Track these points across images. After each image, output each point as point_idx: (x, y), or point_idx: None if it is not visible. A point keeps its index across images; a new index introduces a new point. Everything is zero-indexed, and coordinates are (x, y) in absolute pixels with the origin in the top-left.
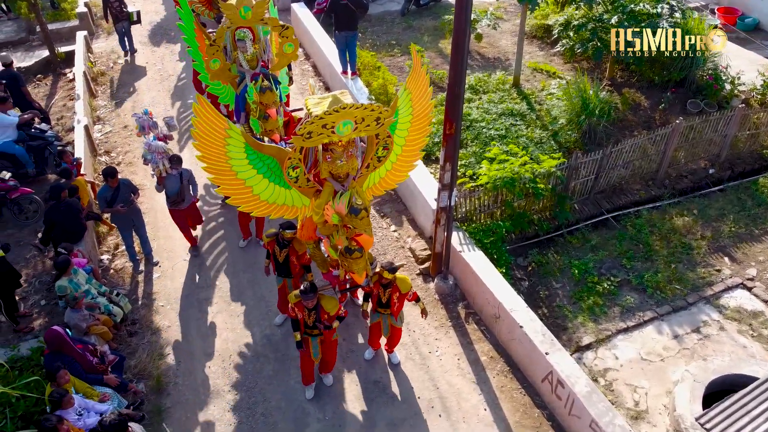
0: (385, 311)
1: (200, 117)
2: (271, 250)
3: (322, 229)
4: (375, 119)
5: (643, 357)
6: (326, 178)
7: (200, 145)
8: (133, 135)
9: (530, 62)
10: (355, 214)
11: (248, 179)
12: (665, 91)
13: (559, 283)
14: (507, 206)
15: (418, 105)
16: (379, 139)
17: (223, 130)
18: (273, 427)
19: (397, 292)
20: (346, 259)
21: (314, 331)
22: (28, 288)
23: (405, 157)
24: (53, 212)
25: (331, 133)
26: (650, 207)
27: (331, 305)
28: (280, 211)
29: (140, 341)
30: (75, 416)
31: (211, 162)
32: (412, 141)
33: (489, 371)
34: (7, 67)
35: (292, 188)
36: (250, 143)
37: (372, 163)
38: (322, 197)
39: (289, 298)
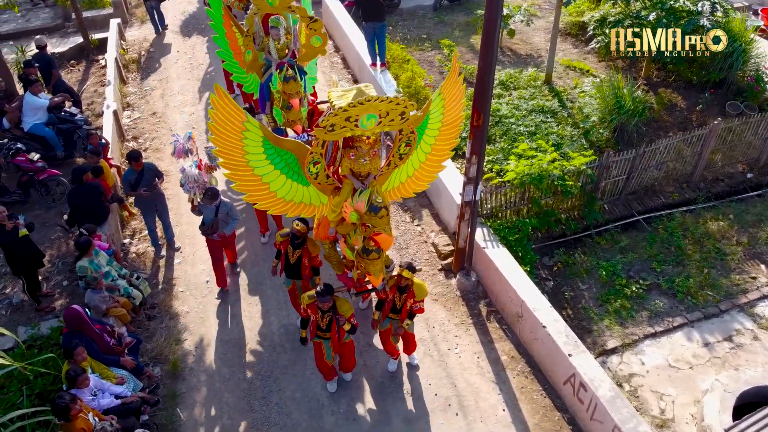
0: (396, 317)
1: (217, 109)
2: (284, 249)
3: (339, 228)
4: (400, 113)
5: (671, 364)
6: (346, 175)
7: (217, 139)
8: (161, 121)
9: (563, 59)
10: (374, 212)
11: (265, 175)
12: (703, 92)
13: (585, 284)
14: (534, 204)
15: (450, 113)
16: (403, 134)
17: (240, 122)
18: (287, 416)
19: (412, 298)
20: (362, 260)
21: (326, 333)
22: (51, 268)
23: (428, 166)
24: (75, 195)
25: (354, 127)
26: (684, 210)
27: (346, 307)
28: (297, 210)
29: (158, 325)
30: (90, 396)
31: (228, 156)
32: (437, 150)
33: (509, 371)
34: (42, 50)
35: (309, 185)
36: (267, 137)
37: (393, 161)
38: (341, 195)
39: (302, 299)
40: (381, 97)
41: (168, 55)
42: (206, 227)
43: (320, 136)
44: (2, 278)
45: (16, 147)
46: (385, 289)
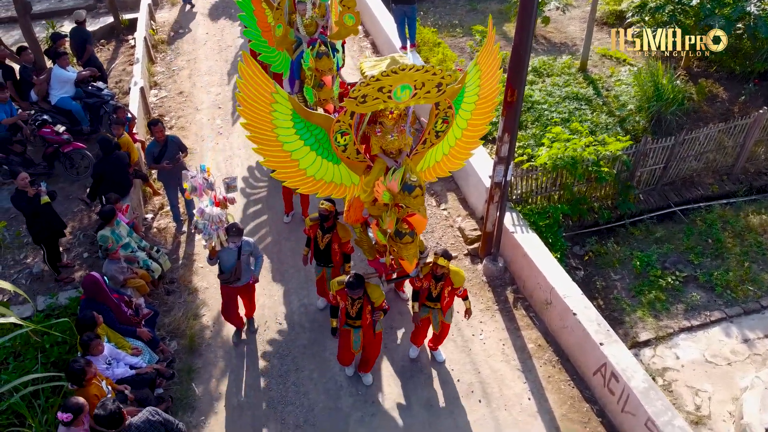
0: (434, 305)
1: (246, 79)
2: (313, 235)
3: (371, 209)
4: (436, 85)
5: (707, 359)
6: (378, 153)
7: (245, 111)
8: (187, 101)
9: (599, 48)
10: (408, 191)
11: (294, 151)
12: (747, 83)
13: (618, 274)
14: (566, 190)
15: (486, 85)
16: (439, 110)
17: (269, 94)
18: (304, 396)
19: (449, 286)
20: (395, 244)
21: (356, 322)
22: (73, 240)
23: (464, 143)
24: (102, 164)
25: (388, 98)
26: (723, 203)
27: (377, 294)
28: (328, 189)
29: (177, 300)
30: (104, 365)
31: (256, 130)
32: (474, 126)
33: (536, 359)
34: (80, 25)
35: (340, 164)
36: (297, 110)
37: (429, 139)
38: (372, 173)
39: (331, 285)
40: (416, 65)
41: (197, 37)
42: (228, 274)
43: (350, 108)
44: (23, 248)
45: (42, 118)
46: (419, 277)
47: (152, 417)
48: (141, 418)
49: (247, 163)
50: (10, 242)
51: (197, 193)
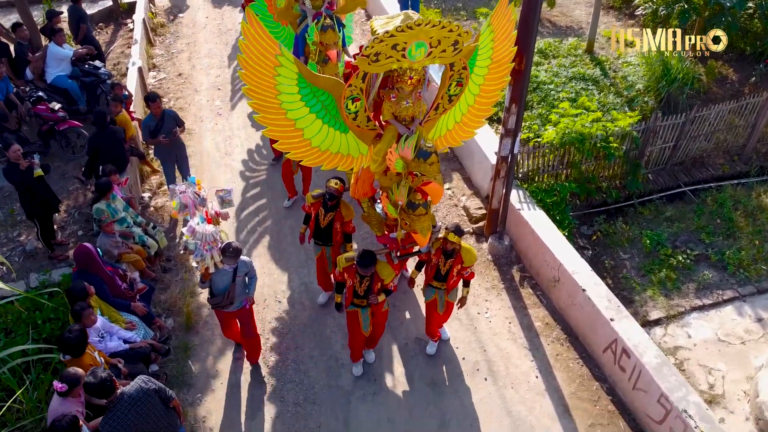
0: (441, 285)
1: (249, 39)
2: (314, 212)
3: (382, 180)
4: (452, 43)
5: (720, 338)
6: (389, 120)
7: (247, 75)
8: (186, 82)
9: (606, 31)
10: (424, 158)
11: (299, 119)
12: (757, 63)
13: (627, 253)
14: (574, 168)
15: (500, 48)
16: (454, 71)
17: (273, 56)
18: (304, 374)
19: (459, 263)
20: (408, 216)
21: (364, 301)
22: (67, 218)
23: (476, 110)
24: (97, 139)
25: (401, 57)
26: (735, 183)
27: (387, 272)
28: (334, 161)
29: (173, 278)
30: (96, 338)
31: (259, 97)
32: (486, 91)
33: (543, 338)
34: (75, 4)
35: (348, 133)
36: (303, 74)
37: (442, 104)
38: (383, 141)
39: (338, 261)
40: (432, 20)
41: (197, 20)
42: (220, 297)
43: (363, 66)
44: (17, 226)
45: (37, 95)
46: (431, 251)
47: (145, 385)
48: (133, 386)
49: (246, 144)
50: (3, 220)
51: (188, 211)
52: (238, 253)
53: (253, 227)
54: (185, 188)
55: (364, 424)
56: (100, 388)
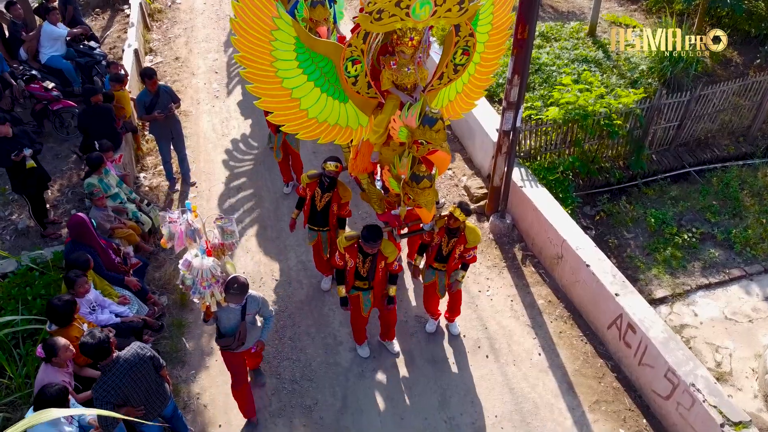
0: (442, 267)
1: (243, 0)
2: (310, 194)
3: (384, 152)
4: (458, 2)
5: (727, 316)
6: (389, 89)
7: (240, 42)
8: (183, 66)
9: (608, 15)
10: (430, 125)
11: (296, 88)
12: (762, 46)
13: (631, 233)
14: (576, 146)
15: (499, 13)
16: (459, 37)
17: (270, 19)
18: (301, 351)
19: (463, 243)
20: (411, 190)
21: (366, 283)
22: (61, 197)
23: (477, 79)
24: (84, 116)
25: (405, 16)
26: (740, 164)
27: (390, 249)
28: (332, 134)
29: (168, 256)
30: (88, 309)
31: (253, 64)
32: (486, 59)
33: (546, 315)
34: None
35: (347, 102)
36: (301, 37)
37: (447, 73)
38: (385, 110)
39: (339, 242)
40: None
41: (194, 6)
42: (230, 339)
43: (365, 25)
44: (9, 205)
45: (30, 73)
46: (434, 229)
47: (141, 351)
48: (129, 351)
49: (243, 126)
50: None
51: (175, 242)
52: (244, 289)
53: (250, 207)
54: (176, 216)
55: (362, 401)
56: (97, 350)
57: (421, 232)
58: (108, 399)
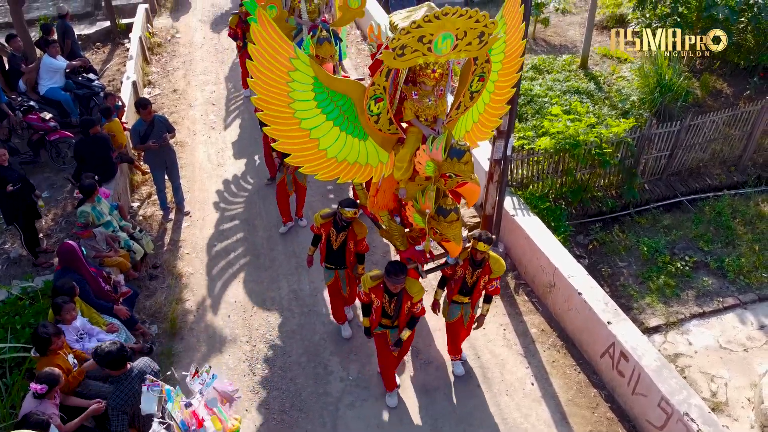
0: (467, 300)
1: (260, 42)
2: (325, 234)
3: (409, 187)
4: (478, 35)
5: (722, 345)
6: (411, 121)
7: (257, 83)
8: (181, 98)
9: (600, 48)
10: (458, 157)
11: (314, 129)
12: (751, 77)
13: (624, 261)
14: (569, 175)
15: (511, 42)
16: (477, 65)
17: (287, 60)
18: (291, 381)
19: (487, 274)
20: (438, 224)
21: (394, 321)
22: (54, 226)
23: (492, 108)
24: (81, 146)
25: (428, 51)
26: (732, 193)
27: (417, 288)
28: (351, 172)
29: (160, 285)
30: (75, 337)
31: (270, 106)
32: (500, 88)
33: (539, 344)
34: (62, 18)
35: (367, 139)
36: (320, 76)
37: (464, 102)
38: (407, 145)
39: (364, 281)
40: (459, 9)
41: (194, 40)
42: None
43: (388, 62)
44: (2, 234)
45: (28, 104)
46: (459, 262)
47: (150, 363)
48: (141, 362)
49: (239, 156)
50: None
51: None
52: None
53: (243, 236)
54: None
55: (352, 431)
56: (118, 357)
57: (446, 266)
58: (124, 408)
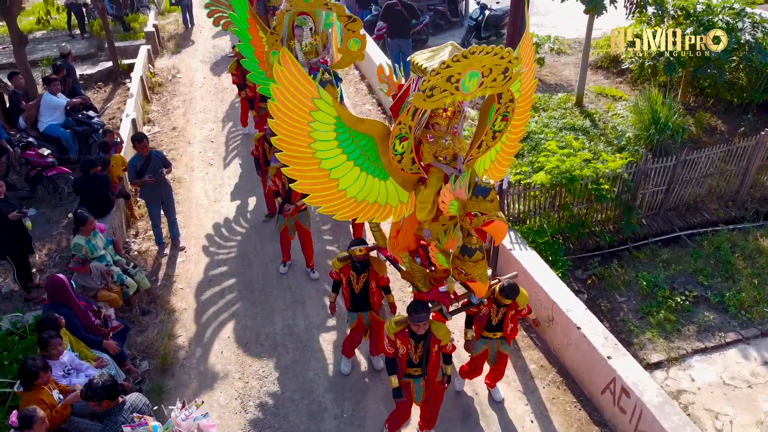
0: (493, 335)
1: (282, 80)
2: (345, 278)
3: (433, 227)
4: (503, 71)
5: (725, 381)
6: (431, 163)
7: (278, 124)
8: (180, 135)
9: (595, 87)
10: (483, 195)
11: (334, 169)
12: (746, 114)
13: (623, 296)
14: (566, 210)
15: (525, 80)
16: (501, 104)
17: (310, 100)
18: (284, 419)
19: (513, 308)
20: (463, 264)
21: (418, 370)
22: (48, 261)
23: (507, 147)
24: (80, 183)
25: (455, 90)
26: (731, 228)
27: (444, 332)
28: (370, 212)
29: (152, 320)
30: (61, 372)
31: (291, 147)
32: (515, 126)
33: (538, 381)
34: (64, 58)
35: (388, 179)
36: (342, 117)
37: (486, 141)
38: (428, 186)
39: (387, 329)
40: (485, 47)
41: (194, 80)
42: None
43: (418, 103)
44: None
45: (27, 140)
46: (483, 302)
47: (142, 397)
48: (132, 396)
49: (236, 192)
50: None
51: None
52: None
53: (239, 271)
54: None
55: None
56: (111, 388)
57: (471, 306)
58: None
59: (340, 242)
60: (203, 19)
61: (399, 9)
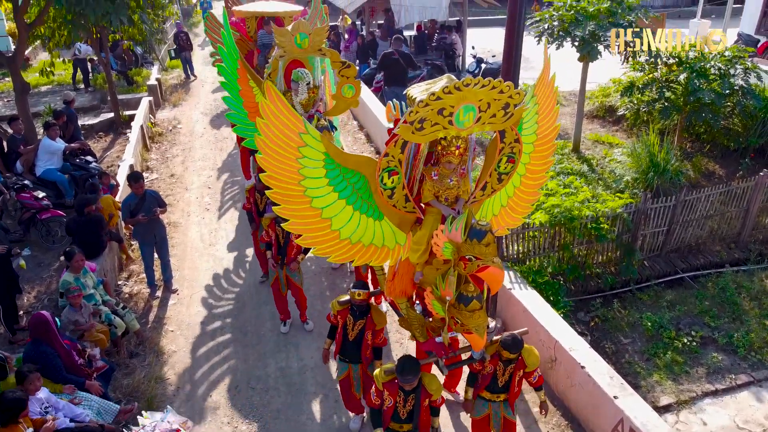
0: (496, 397)
1: (269, 117)
2: (342, 322)
3: (426, 272)
4: (503, 106)
5: (739, 426)
6: (430, 202)
7: (266, 160)
8: (178, 182)
9: (591, 134)
10: (478, 238)
11: (326, 208)
12: (743, 158)
13: (628, 338)
14: (565, 250)
15: (544, 122)
16: (504, 143)
17: (297, 135)
18: None
19: (521, 368)
20: (459, 313)
21: (406, 425)
22: (36, 303)
23: (523, 192)
24: (73, 224)
25: (448, 124)
26: (734, 270)
27: (436, 385)
28: (366, 255)
29: (140, 363)
30: (38, 410)
31: (280, 184)
32: (532, 172)
33: (542, 424)
34: (67, 105)
35: (383, 219)
36: (331, 152)
37: (490, 183)
38: (425, 226)
39: (376, 378)
40: (481, 79)
41: (194, 130)
42: None
43: (406, 135)
44: None
45: (22, 183)
46: (485, 357)
47: None
48: None
49: (232, 236)
50: None
51: None
52: None
53: (231, 313)
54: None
55: None
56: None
57: (471, 361)
58: None
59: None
60: (205, 75)
61: (396, 58)
